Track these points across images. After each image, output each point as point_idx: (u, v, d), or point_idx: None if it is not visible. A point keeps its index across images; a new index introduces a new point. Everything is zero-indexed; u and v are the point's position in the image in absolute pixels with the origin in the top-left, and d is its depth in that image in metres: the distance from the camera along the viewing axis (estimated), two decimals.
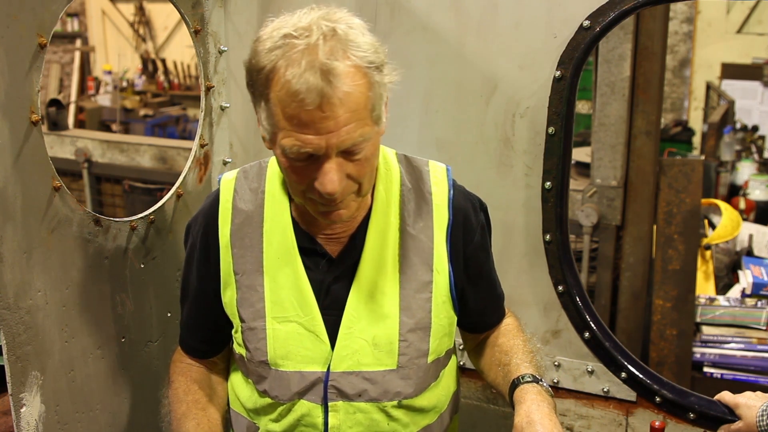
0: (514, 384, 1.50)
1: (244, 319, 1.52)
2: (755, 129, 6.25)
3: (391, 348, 1.50)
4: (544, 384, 1.49)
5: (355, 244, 1.50)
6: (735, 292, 3.41)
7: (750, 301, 3.19)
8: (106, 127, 8.97)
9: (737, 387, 1.94)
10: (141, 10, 11.00)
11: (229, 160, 2.24)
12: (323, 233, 1.50)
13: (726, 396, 1.76)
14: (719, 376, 3.09)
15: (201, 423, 1.57)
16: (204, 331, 1.65)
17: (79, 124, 9.28)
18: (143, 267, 1.91)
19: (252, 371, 1.55)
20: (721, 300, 3.25)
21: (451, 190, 1.56)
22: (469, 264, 1.59)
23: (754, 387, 1.87)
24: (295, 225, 1.51)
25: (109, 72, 10.60)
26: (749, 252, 3.88)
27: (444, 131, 2.08)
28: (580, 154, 4.04)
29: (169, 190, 2.04)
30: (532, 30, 1.91)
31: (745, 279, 3.33)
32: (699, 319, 3.22)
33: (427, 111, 2.08)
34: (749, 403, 1.66)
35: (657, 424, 1.67)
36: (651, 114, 3.25)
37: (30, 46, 1.49)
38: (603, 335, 2.00)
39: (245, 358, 1.55)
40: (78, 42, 11.07)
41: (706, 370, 3.12)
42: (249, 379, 1.58)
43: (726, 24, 8.08)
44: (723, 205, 3.92)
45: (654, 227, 3.34)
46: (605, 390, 2.03)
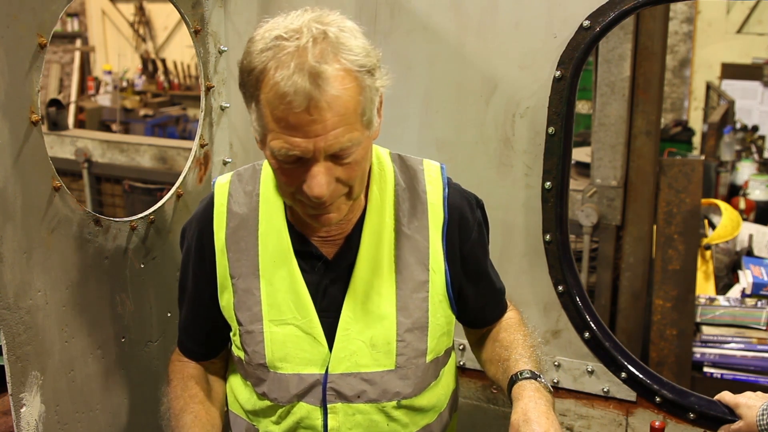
0: (512, 380, 1.50)
1: (241, 323, 1.52)
2: (755, 129, 6.25)
3: (389, 348, 1.49)
4: (542, 380, 1.48)
5: (351, 245, 1.50)
6: (735, 292, 3.41)
7: (750, 301, 3.19)
8: (106, 127, 8.97)
9: (737, 387, 1.94)
10: (141, 10, 11.01)
11: (229, 160, 2.24)
12: (318, 235, 1.50)
13: (726, 396, 1.75)
14: (719, 376, 3.09)
15: (199, 416, 1.57)
16: (202, 335, 1.66)
17: (79, 124, 9.28)
18: (143, 267, 1.91)
19: (251, 374, 1.55)
20: (721, 300, 3.25)
21: (446, 188, 1.55)
22: (467, 261, 1.59)
23: (754, 387, 1.87)
24: (290, 227, 1.50)
25: (109, 72, 10.60)
26: (749, 252, 3.87)
27: (444, 131, 2.08)
28: (580, 154, 4.04)
29: (169, 190, 2.04)
30: (532, 30, 1.91)
31: (745, 279, 3.33)
32: (699, 319, 3.22)
33: (427, 111, 2.08)
34: (749, 403, 1.66)
35: (657, 424, 1.67)
36: (651, 114, 3.25)
37: (30, 46, 1.49)
38: (603, 335, 2.00)
39: (243, 360, 1.55)
40: (78, 42, 11.07)
41: (706, 370, 3.12)
42: (248, 382, 1.58)
43: (726, 24, 8.08)
44: (723, 205, 3.92)
45: (654, 227, 3.34)
46: (605, 390, 2.03)
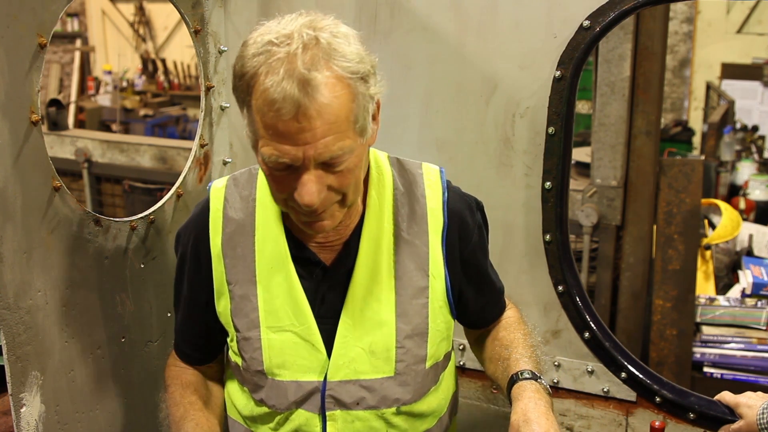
0: (512, 380, 1.49)
1: (238, 329, 1.50)
2: (755, 129, 6.25)
3: (388, 355, 1.48)
4: (542, 381, 1.48)
5: (349, 251, 1.48)
6: (735, 292, 3.42)
7: (750, 301, 3.19)
8: (106, 127, 8.96)
9: (737, 387, 1.94)
10: (141, 10, 11.01)
11: (229, 160, 2.24)
12: (316, 241, 1.48)
13: (726, 396, 1.75)
14: (719, 376, 3.09)
15: (200, 423, 1.56)
16: (197, 339, 1.64)
17: (79, 124, 9.28)
18: (143, 267, 1.91)
19: (248, 380, 1.53)
20: (721, 300, 3.25)
21: (446, 192, 1.53)
22: (468, 265, 1.58)
23: (754, 387, 1.87)
24: (288, 233, 1.48)
25: (109, 72, 10.60)
26: (749, 252, 3.88)
27: (444, 131, 2.08)
28: (580, 154, 4.04)
29: (169, 190, 2.04)
30: (532, 30, 1.91)
31: (745, 279, 3.33)
32: (699, 319, 3.22)
33: (427, 111, 2.08)
34: (750, 403, 1.66)
35: (657, 424, 1.67)
36: (651, 114, 3.25)
37: (30, 46, 1.49)
38: (603, 335, 2.00)
39: (241, 367, 1.53)
40: (78, 42, 11.08)
41: (706, 370, 3.12)
42: (245, 387, 1.57)
43: (726, 24, 8.08)
44: (723, 205, 3.92)
45: (654, 227, 3.34)
46: (605, 390, 2.03)
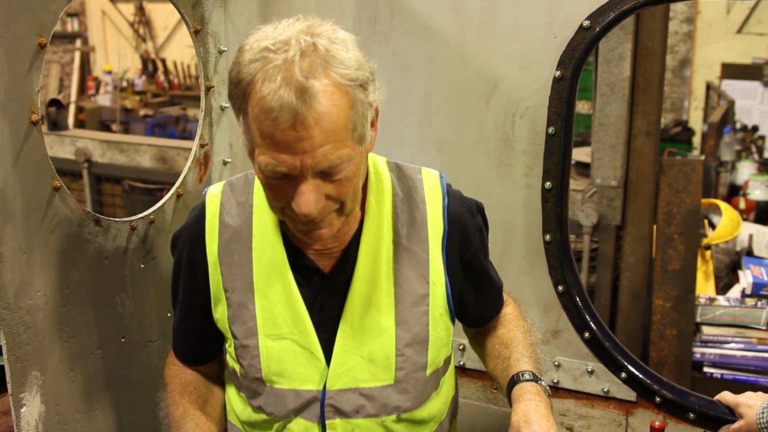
0: (512, 381, 1.49)
1: (236, 336, 1.49)
2: (755, 129, 6.25)
3: (388, 363, 1.47)
4: (542, 383, 1.48)
5: (348, 258, 1.46)
6: (735, 292, 3.42)
7: (750, 301, 3.20)
8: (106, 127, 8.96)
9: (737, 387, 1.94)
10: (141, 10, 11.01)
11: (229, 160, 2.24)
12: (314, 248, 1.45)
13: (726, 396, 1.76)
14: (719, 376, 3.09)
15: (200, 423, 1.55)
16: (194, 342, 1.63)
17: (79, 124, 9.28)
18: (143, 267, 1.91)
19: (246, 386, 1.52)
20: (721, 300, 3.25)
21: (446, 198, 1.51)
22: (469, 269, 1.56)
23: (754, 387, 1.88)
24: (285, 240, 1.46)
25: (109, 72, 10.60)
26: (749, 252, 3.88)
27: (444, 131, 2.08)
28: (580, 154, 4.04)
29: (169, 190, 2.04)
30: (532, 30, 1.91)
31: (745, 279, 3.34)
32: (699, 319, 3.22)
33: (427, 111, 2.08)
34: (750, 403, 1.66)
35: (657, 424, 1.67)
36: (651, 114, 3.25)
37: (30, 46, 1.49)
38: (603, 335, 2.00)
39: (239, 373, 1.52)
40: (78, 42, 11.08)
41: (706, 370, 3.13)
42: (242, 393, 1.55)
43: (726, 24, 8.09)
44: (723, 205, 3.92)
45: (654, 227, 3.34)
46: (605, 390, 2.03)
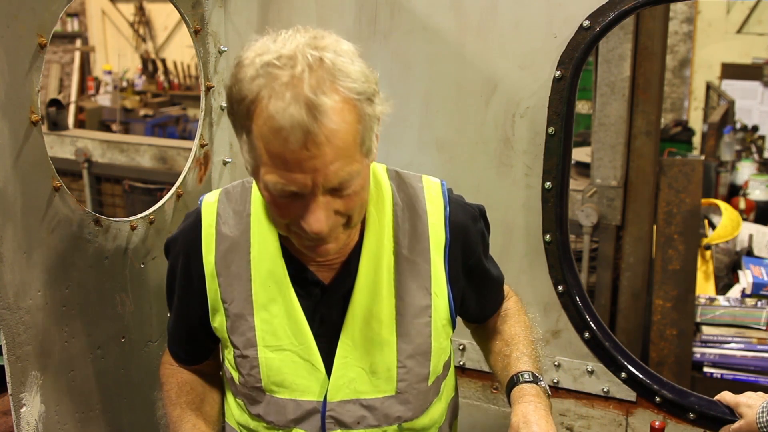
0: (512, 381, 1.49)
1: (236, 346, 1.47)
2: (755, 129, 6.25)
3: (390, 375, 1.45)
4: (542, 384, 1.48)
5: (349, 270, 1.43)
6: (735, 292, 3.42)
7: (750, 301, 3.20)
8: (106, 127, 8.96)
9: (737, 387, 1.94)
10: (141, 10, 11.01)
11: (229, 160, 2.24)
12: (315, 260, 1.43)
13: (726, 396, 1.76)
14: (719, 376, 3.09)
15: (197, 425, 1.54)
16: (188, 345, 1.62)
17: (79, 124, 9.27)
18: (143, 267, 1.91)
19: (245, 394, 1.51)
20: (721, 300, 3.25)
21: (447, 206, 1.48)
22: (471, 273, 1.55)
23: (754, 387, 1.88)
24: (284, 251, 1.43)
25: (109, 72, 10.60)
26: (749, 252, 3.88)
27: (444, 131, 2.08)
28: (580, 154, 4.04)
29: (169, 190, 2.04)
30: (532, 30, 1.91)
31: (745, 279, 3.33)
32: (699, 319, 3.22)
33: (427, 111, 2.08)
34: (750, 402, 1.66)
35: (657, 424, 1.67)
36: (651, 114, 3.25)
37: (30, 46, 1.49)
38: (603, 335, 2.00)
39: (237, 381, 1.50)
40: (78, 42, 11.07)
41: (706, 370, 3.13)
42: (238, 400, 1.54)
43: (726, 24, 8.08)
44: (723, 205, 3.92)
45: (654, 227, 3.34)
46: (605, 390, 2.03)
